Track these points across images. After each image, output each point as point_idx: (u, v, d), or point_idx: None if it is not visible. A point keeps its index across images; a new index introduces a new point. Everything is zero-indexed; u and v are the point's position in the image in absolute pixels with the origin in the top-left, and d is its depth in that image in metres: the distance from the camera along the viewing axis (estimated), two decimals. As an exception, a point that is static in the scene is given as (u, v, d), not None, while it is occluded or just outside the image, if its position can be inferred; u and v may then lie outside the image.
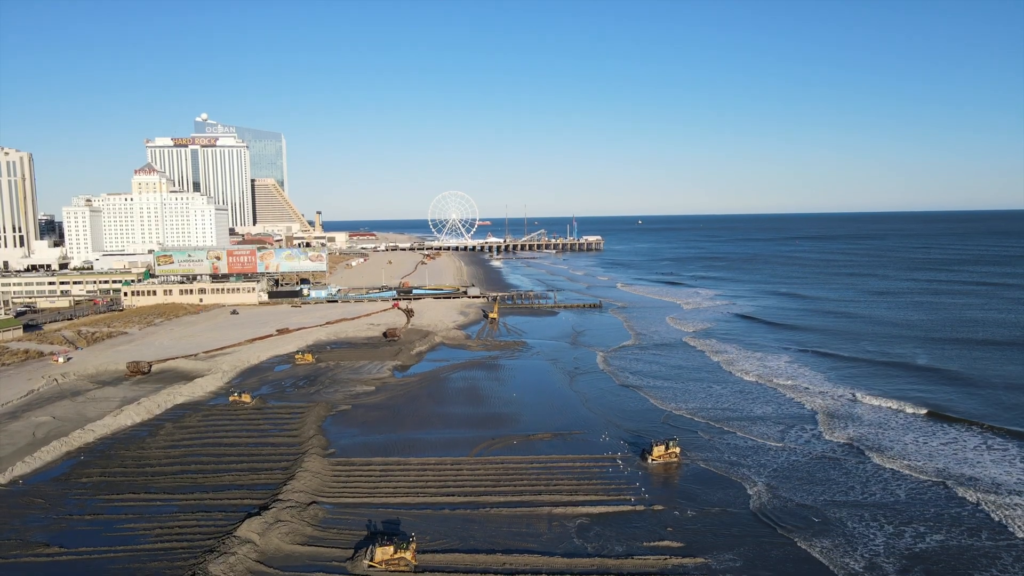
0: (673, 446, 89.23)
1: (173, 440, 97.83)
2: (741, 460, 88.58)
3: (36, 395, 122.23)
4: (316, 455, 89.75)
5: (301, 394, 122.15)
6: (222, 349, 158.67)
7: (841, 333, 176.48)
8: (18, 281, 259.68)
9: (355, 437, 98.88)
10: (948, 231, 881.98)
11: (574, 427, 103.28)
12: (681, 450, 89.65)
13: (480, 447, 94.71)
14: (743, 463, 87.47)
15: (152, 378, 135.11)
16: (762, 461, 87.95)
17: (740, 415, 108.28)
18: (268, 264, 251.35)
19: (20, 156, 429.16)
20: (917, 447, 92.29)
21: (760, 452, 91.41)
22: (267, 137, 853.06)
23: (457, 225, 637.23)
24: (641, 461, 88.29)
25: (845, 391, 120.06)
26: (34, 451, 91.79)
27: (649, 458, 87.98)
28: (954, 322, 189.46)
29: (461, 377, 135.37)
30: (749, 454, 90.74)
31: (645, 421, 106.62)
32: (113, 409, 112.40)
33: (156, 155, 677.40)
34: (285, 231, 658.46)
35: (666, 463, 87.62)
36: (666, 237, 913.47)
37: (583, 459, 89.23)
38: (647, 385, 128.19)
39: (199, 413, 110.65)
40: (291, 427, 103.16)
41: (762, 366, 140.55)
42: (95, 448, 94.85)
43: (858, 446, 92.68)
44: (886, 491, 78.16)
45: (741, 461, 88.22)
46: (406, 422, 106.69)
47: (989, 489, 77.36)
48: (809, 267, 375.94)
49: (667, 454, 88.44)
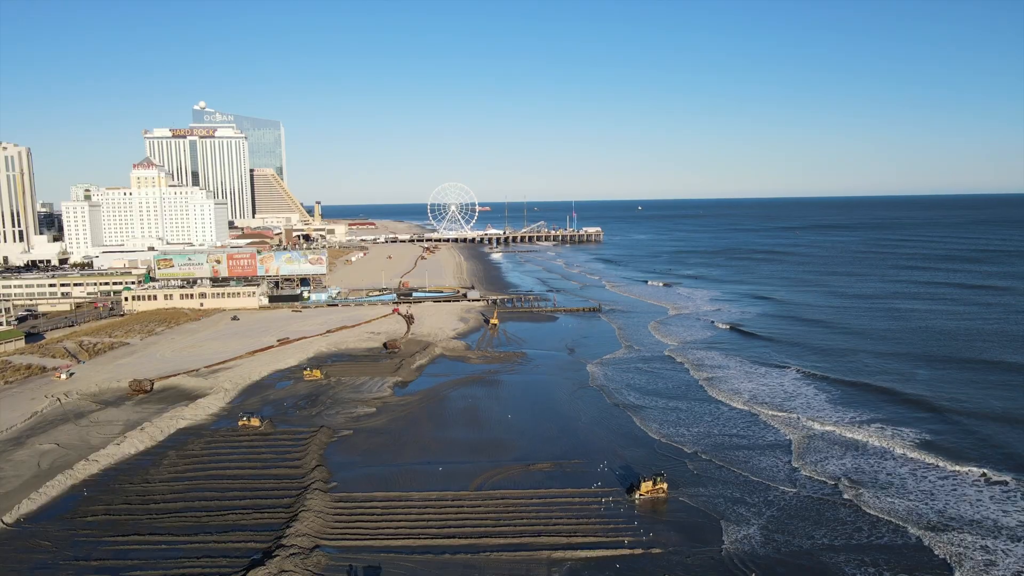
0: (660, 481, 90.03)
1: (176, 471, 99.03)
2: (729, 497, 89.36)
3: (40, 417, 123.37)
4: (319, 490, 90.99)
5: (303, 416, 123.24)
6: (223, 363, 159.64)
7: (837, 351, 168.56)
8: (19, 283, 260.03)
9: (357, 468, 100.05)
10: (965, 220, 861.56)
11: (573, 455, 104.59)
12: (668, 485, 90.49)
13: (480, 479, 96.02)
14: (731, 501, 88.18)
15: (154, 397, 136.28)
16: (751, 500, 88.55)
17: (728, 444, 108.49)
18: (268, 267, 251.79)
19: (19, 151, 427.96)
20: (914, 485, 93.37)
21: (748, 489, 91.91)
22: (265, 125, 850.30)
23: (456, 216, 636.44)
24: (628, 496, 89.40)
25: (839, 419, 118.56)
26: (39, 485, 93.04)
27: (637, 493, 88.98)
28: (964, 335, 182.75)
29: (460, 396, 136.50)
30: (737, 490, 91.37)
31: (635, 447, 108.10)
32: (116, 434, 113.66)
33: (154, 146, 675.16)
34: (284, 223, 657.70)
35: (654, 499, 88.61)
36: (666, 226, 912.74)
37: (581, 494, 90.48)
38: (637, 404, 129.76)
39: (202, 439, 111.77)
40: (293, 456, 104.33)
41: (754, 388, 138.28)
42: (99, 481, 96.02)
43: (851, 485, 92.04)
44: (876, 534, 79.37)
45: (729, 498, 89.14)
46: (407, 449, 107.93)
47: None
48: (809, 266, 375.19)
49: (655, 489, 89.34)
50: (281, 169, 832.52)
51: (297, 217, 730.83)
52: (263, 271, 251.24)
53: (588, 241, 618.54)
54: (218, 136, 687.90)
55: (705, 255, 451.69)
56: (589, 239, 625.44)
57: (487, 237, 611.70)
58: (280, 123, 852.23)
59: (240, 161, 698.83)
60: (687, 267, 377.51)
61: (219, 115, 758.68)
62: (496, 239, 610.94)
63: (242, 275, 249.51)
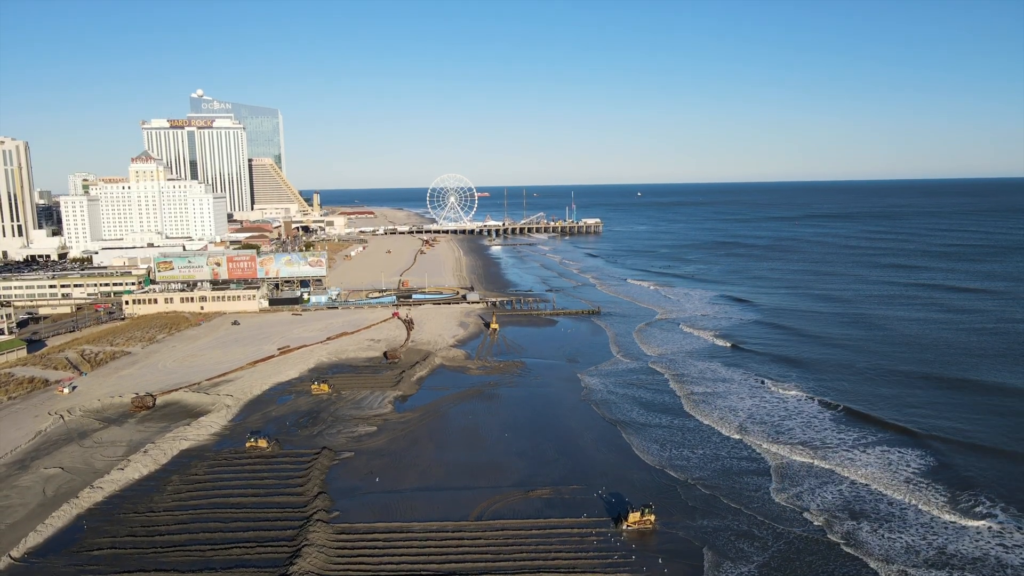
0: (648, 513, 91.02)
1: (180, 499, 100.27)
2: (717, 530, 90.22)
3: (44, 437, 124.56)
4: (321, 520, 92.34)
5: (305, 436, 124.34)
6: (224, 375, 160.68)
7: (840, 369, 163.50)
8: (19, 285, 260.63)
9: (358, 496, 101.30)
10: (968, 209, 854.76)
11: (572, 479, 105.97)
12: (656, 517, 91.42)
13: (480, 508, 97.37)
14: (721, 535, 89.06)
15: (157, 413, 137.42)
16: (741, 534, 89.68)
17: (722, 472, 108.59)
18: (268, 270, 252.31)
19: (16, 145, 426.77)
20: (914, 518, 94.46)
21: (741, 522, 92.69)
22: (263, 114, 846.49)
23: (456, 207, 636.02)
24: (615, 527, 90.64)
25: (837, 447, 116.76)
26: (45, 515, 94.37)
27: (624, 523, 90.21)
28: (959, 350, 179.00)
29: (460, 412, 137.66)
30: (726, 522, 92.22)
31: (628, 470, 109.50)
32: (120, 457, 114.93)
33: (152, 136, 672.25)
34: (283, 214, 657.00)
35: (641, 530, 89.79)
36: (665, 216, 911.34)
37: (579, 524, 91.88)
38: (633, 422, 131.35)
39: (205, 462, 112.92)
40: (296, 481, 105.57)
41: (751, 408, 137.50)
42: (104, 510, 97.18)
43: (842, 527, 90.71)
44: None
45: (718, 531, 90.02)
46: (407, 473, 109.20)
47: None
48: (810, 264, 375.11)
49: (643, 521, 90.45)
50: (279, 157, 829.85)
51: (296, 207, 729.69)
52: (263, 273, 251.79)
53: (587, 233, 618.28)
54: (216, 127, 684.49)
55: (704, 249, 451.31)
56: (588, 230, 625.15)
57: (486, 228, 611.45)
58: (278, 111, 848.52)
59: (239, 151, 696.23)
60: (686, 263, 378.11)
61: (217, 103, 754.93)
62: (495, 231, 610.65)
63: (242, 277, 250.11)
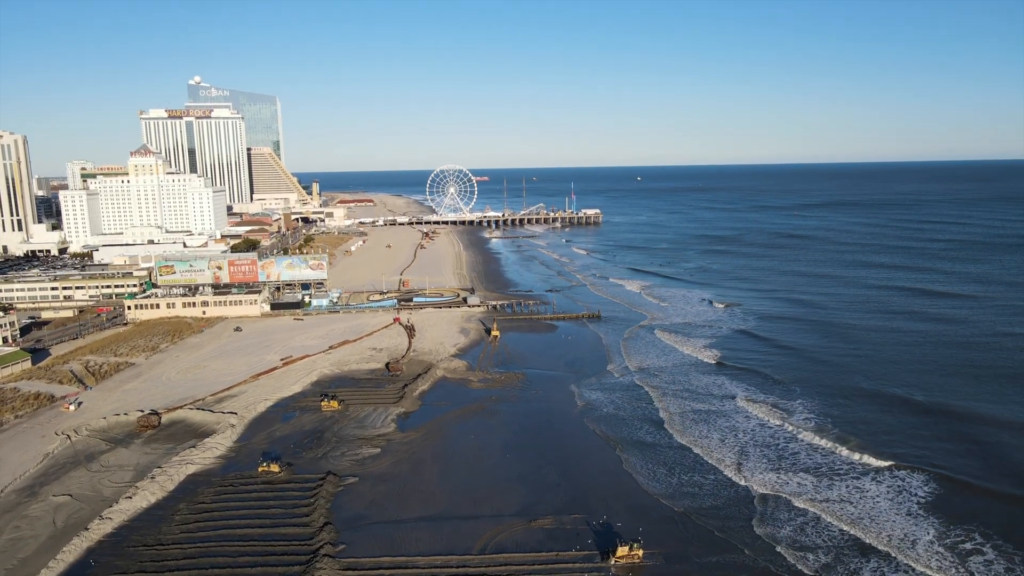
0: (636, 548, 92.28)
1: (187, 529, 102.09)
2: (705, 568, 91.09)
3: (52, 460, 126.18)
4: (327, 555, 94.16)
5: (310, 459, 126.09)
6: (228, 390, 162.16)
7: (846, 393, 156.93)
8: (20, 287, 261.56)
9: (363, 527, 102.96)
10: (983, 196, 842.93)
11: (573, 508, 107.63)
12: (644, 552, 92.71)
13: (483, 539, 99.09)
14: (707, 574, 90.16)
15: (163, 433, 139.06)
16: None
17: (716, 505, 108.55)
18: (269, 273, 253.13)
19: (15, 139, 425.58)
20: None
21: (730, 558, 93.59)
22: (261, 101, 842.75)
23: (455, 197, 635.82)
24: (603, 561, 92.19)
25: (842, 485, 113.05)
26: (56, 549, 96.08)
27: (612, 558, 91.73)
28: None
29: (461, 432, 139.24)
30: (715, 561, 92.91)
31: (622, 499, 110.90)
32: (128, 482, 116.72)
33: (150, 127, 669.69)
34: (283, 204, 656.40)
35: (628, 565, 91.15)
36: (666, 203, 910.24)
37: (581, 558, 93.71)
38: (632, 442, 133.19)
39: (212, 488, 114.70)
40: (302, 511, 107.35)
41: (752, 430, 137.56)
42: (113, 541, 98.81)
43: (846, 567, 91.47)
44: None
45: (705, 569, 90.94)
46: (411, 501, 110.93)
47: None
48: (812, 262, 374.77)
49: (631, 555, 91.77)
50: (278, 144, 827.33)
51: (295, 196, 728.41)
52: (264, 277, 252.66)
53: (588, 223, 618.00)
54: (215, 116, 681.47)
55: (702, 246, 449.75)
56: (588, 221, 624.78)
57: (486, 220, 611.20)
58: (276, 98, 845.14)
59: (237, 141, 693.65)
60: (687, 260, 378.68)
61: (215, 90, 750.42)
62: (495, 222, 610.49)
63: (243, 281, 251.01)
